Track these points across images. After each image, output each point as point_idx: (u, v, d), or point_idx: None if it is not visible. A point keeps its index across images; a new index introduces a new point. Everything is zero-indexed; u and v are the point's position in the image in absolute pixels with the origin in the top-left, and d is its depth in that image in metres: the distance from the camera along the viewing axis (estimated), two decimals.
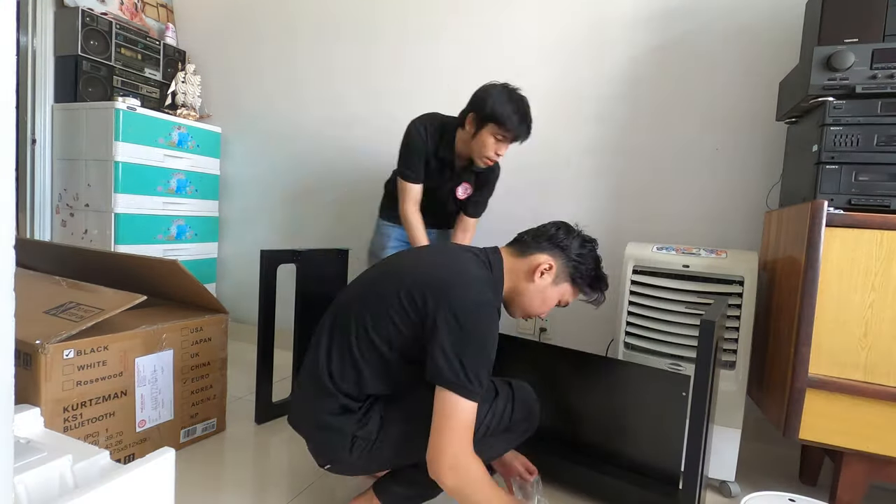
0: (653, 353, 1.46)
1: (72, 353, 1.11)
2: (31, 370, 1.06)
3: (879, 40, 1.22)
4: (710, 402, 1.03)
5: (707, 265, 1.40)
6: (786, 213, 1.38)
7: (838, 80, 1.22)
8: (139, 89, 2.49)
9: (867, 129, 1.20)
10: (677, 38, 1.84)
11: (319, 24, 2.42)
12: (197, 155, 2.43)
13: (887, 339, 1.12)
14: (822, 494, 1.34)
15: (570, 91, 1.99)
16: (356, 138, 2.37)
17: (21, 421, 0.86)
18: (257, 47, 2.58)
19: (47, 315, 1.18)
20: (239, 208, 2.66)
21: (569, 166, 2.00)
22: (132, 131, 2.15)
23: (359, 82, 2.35)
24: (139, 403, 1.26)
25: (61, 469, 0.74)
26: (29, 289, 1.32)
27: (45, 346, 1.06)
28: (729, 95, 1.78)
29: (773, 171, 1.69)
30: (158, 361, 1.30)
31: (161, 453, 0.75)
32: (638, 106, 1.90)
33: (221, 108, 2.68)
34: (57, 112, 2.30)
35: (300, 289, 1.72)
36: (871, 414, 1.13)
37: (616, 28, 1.91)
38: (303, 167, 2.50)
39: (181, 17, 2.78)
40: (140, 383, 1.26)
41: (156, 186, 2.26)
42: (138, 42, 2.48)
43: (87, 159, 2.19)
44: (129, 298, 1.22)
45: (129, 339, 1.23)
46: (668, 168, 1.87)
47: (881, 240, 1.12)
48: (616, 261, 1.52)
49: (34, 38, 2.27)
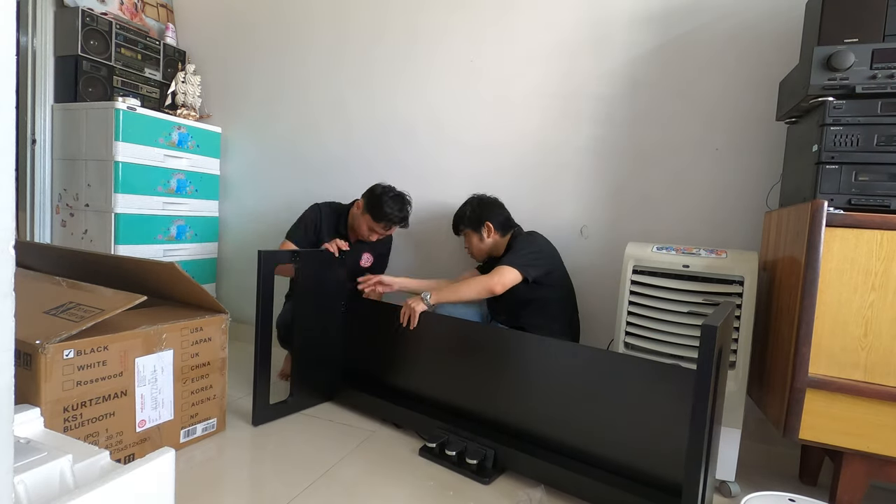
0: (652, 352, 1.46)
1: (72, 353, 1.11)
2: (31, 370, 1.06)
3: (879, 40, 1.22)
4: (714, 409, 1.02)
5: (707, 265, 1.40)
6: (786, 213, 1.38)
7: (838, 80, 1.22)
8: (139, 89, 2.49)
9: (867, 129, 1.20)
10: (677, 38, 1.84)
11: (320, 23, 2.42)
12: (197, 155, 2.43)
13: (887, 339, 1.12)
14: (822, 494, 1.35)
15: (570, 91, 1.99)
16: (357, 138, 2.37)
17: (21, 421, 0.86)
18: (257, 47, 2.58)
19: (47, 315, 1.18)
20: (239, 208, 2.66)
21: (569, 167, 2.00)
22: (132, 131, 2.15)
23: (359, 82, 2.35)
24: (139, 403, 1.26)
25: (61, 469, 0.74)
26: (29, 289, 1.32)
27: (45, 346, 1.06)
28: (729, 95, 1.78)
29: (773, 171, 1.69)
30: (158, 361, 1.30)
31: (161, 453, 0.75)
32: (638, 106, 1.90)
33: (221, 108, 2.68)
34: (57, 112, 2.30)
35: (298, 289, 1.71)
36: (871, 414, 1.13)
37: (616, 28, 1.91)
38: (303, 167, 2.50)
39: (181, 17, 2.78)
40: (140, 383, 1.26)
41: (156, 186, 2.26)
42: (138, 42, 2.48)
43: (87, 159, 2.19)
44: (129, 299, 1.22)
45: (129, 340, 1.23)
46: (668, 168, 1.87)
47: (881, 240, 1.12)
48: (616, 261, 1.52)
49: (34, 38, 2.27)
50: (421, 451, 1.49)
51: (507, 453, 1.40)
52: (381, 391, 1.75)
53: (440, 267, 2.19)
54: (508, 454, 1.40)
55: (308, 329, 1.74)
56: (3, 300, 0.47)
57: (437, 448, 1.45)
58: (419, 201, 2.11)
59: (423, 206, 2.19)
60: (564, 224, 2.00)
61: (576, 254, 1.96)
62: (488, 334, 1.57)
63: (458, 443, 1.43)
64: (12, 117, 0.47)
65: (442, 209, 2.18)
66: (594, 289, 1.93)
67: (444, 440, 1.46)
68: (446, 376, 1.63)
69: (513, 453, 1.40)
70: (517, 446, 1.41)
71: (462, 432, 1.48)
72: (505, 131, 2.09)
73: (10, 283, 0.47)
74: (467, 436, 1.46)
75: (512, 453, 1.40)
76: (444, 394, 1.63)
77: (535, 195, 2.05)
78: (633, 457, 1.27)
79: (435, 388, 1.65)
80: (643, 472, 1.25)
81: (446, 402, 1.62)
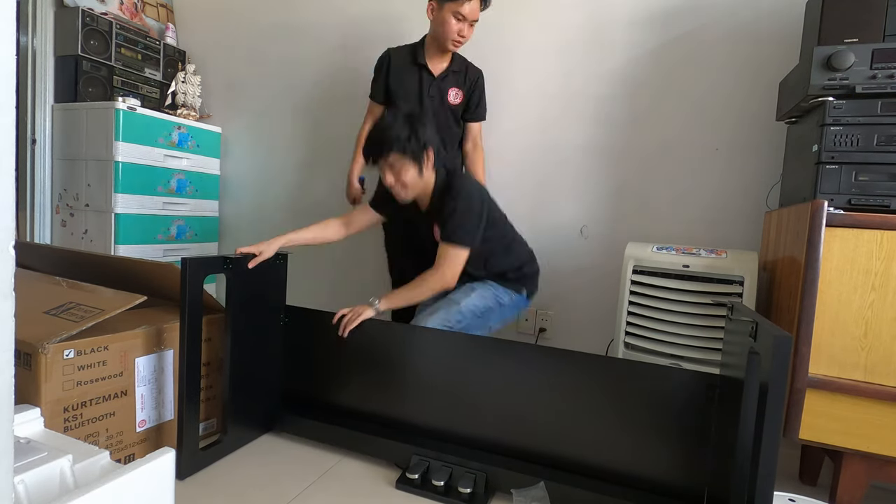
0: (653, 352, 1.46)
1: (72, 353, 1.11)
2: (31, 370, 1.06)
3: (879, 40, 1.22)
4: None
5: (707, 265, 1.40)
6: (786, 213, 1.38)
7: (838, 79, 1.22)
8: (139, 89, 2.49)
9: (867, 129, 1.20)
10: (677, 38, 1.84)
11: (321, 24, 2.42)
12: (197, 155, 2.44)
13: (887, 339, 1.12)
14: (822, 494, 1.35)
15: (570, 91, 1.99)
16: (356, 138, 2.37)
17: (21, 421, 0.86)
18: (257, 47, 2.58)
19: (47, 315, 1.18)
20: (239, 208, 2.67)
21: (569, 166, 2.00)
22: (132, 131, 2.15)
23: (360, 83, 2.35)
24: (139, 403, 1.26)
25: (61, 469, 0.74)
26: (29, 289, 1.32)
27: (45, 346, 1.06)
28: (729, 95, 1.78)
29: (773, 171, 1.69)
30: (158, 361, 1.30)
31: (161, 453, 0.75)
32: (638, 106, 1.90)
33: (221, 108, 2.68)
34: (57, 112, 2.30)
35: (231, 300, 1.37)
36: (871, 414, 1.13)
37: (616, 28, 1.91)
38: (303, 167, 2.50)
39: (181, 17, 2.78)
40: (140, 383, 1.26)
41: (156, 186, 2.26)
42: (138, 42, 2.48)
43: (87, 159, 2.19)
44: (129, 299, 1.22)
45: (130, 340, 1.23)
46: (668, 168, 1.87)
47: (881, 240, 1.12)
48: (616, 261, 1.52)
49: (34, 38, 2.27)
50: (398, 482, 1.27)
51: (498, 474, 1.24)
52: (334, 416, 1.47)
53: None
54: (499, 475, 1.24)
55: (241, 350, 1.40)
56: (4, 300, 0.47)
57: (418, 479, 1.25)
58: None
59: None
60: (564, 224, 2.00)
61: (576, 254, 1.96)
62: (458, 342, 1.35)
63: (443, 469, 1.25)
64: (12, 117, 0.47)
65: None
66: (594, 289, 1.93)
67: (426, 467, 1.27)
68: (409, 393, 1.40)
69: (505, 473, 1.24)
70: (509, 465, 1.25)
71: (445, 457, 1.29)
72: (505, 131, 2.09)
73: (10, 284, 0.47)
74: (451, 460, 1.28)
75: (504, 474, 1.24)
76: (410, 413, 1.40)
77: (535, 195, 2.05)
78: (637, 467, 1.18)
79: (399, 408, 1.42)
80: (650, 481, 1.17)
81: (412, 423, 1.40)
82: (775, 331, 0.84)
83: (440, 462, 1.28)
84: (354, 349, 1.46)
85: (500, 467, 1.25)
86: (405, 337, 1.41)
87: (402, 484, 1.26)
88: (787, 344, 0.81)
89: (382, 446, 1.36)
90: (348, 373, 1.49)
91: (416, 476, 1.24)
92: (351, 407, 1.48)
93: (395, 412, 1.42)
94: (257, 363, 1.47)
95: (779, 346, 0.81)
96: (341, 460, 1.39)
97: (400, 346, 1.41)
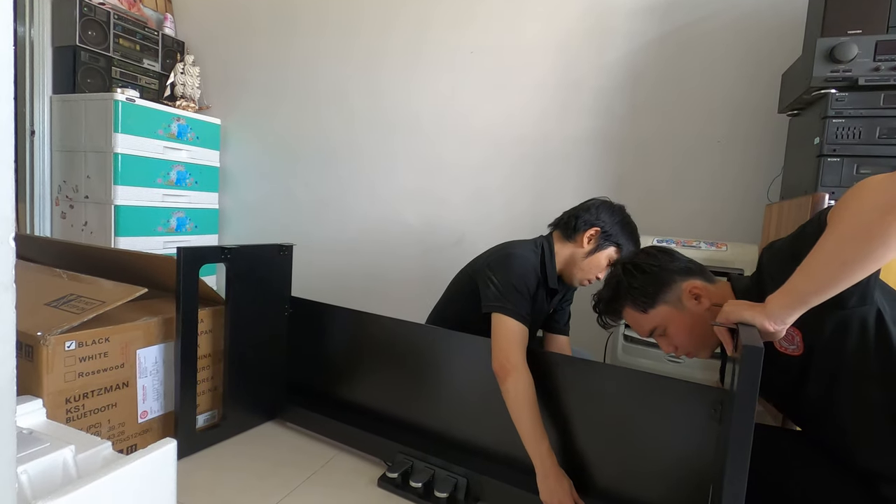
0: (652, 345, 1.46)
1: (73, 345, 1.11)
2: (33, 362, 1.07)
3: (883, 32, 1.21)
4: None
5: (707, 258, 1.40)
6: (787, 205, 1.38)
7: (841, 71, 1.21)
8: (138, 80, 2.47)
9: (869, 122, 1.19)
10: (679, 29, 1.82)
11: (319, 13, 2.40)
12: (196, 146, 2.43)
13: None
14: None
15: (570, 83, 1.98)
16: (356, 129, 2.36)
17: (24, 412, 0.86)
18: (256, 38, 2.56)
19: (49, 307, 1.18)
20: (238, 200, 2.66)
21: (569, 158, 1.99)
22: (131, 122, 2.14)
23: (360, 73, 2.34)
24: (141, 394, 1.27)
25: (64, 459, 0.74)
26: (30, 281, 1.32)
27: (46, 338, 1.06)
28: (731, 87, 1.77)
29: (774, 164, 1.69)
30: (160, 353, 1.31)
31: (163, 444, 0.76)
32: (639, 98, 1.89)
33: (221, 99, 2.67)
34: (56, 103, 2.29)
35: (231, 293, 1.39)
36: None
37: (617, 19, 1.90)
38: (303, 159, 2.49)
39: (179, 7, 2.76)
40: (141, 375, 1.27)
41: (155, 178, 2.26)
42: (136, 32, 2.46)
43: (86, 151, 2.18)
44: (130, 291, 1.22)
45: (131, 331, 1.23)
46: (668, 161, 1.86)
47: None
48: None
49: (32, 29, 2.26)
50: (380, 481, 1.24)
51: (481, 481, 1.17)
52: (334, 408, 1.46)
53: (443, 263, 2.19)
54: (483, 482, 1.17)
55: (246, 337, 1.43)
56: (5, 292, 0.47)
57: (398, 478, 1.21)
58: (422, 195, 2.11)
59: (426, 200, 2.18)
60: None
61: None
62: (459, 342, 1.28)
63: (425, 471, 1.20)
64: (11, 108, 0.47)
65: (444, 206, 2.17)
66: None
67: (408, 467, 1.23)
68: (408, 391, 1.37)
69: (488, 481, 1.16)
70: (493, 473, 1.17)
71: (430, 458, 1.23)
72: (505, 124, 2.08)
73: (10, 275, 0.47)
74: (436, 462, 1.23)
75: (487, 481, 1.16)
76: (406, 412, 1.37)
77: (536, 187, 2.05)
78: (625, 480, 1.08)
79: (397, 405, 1.39)
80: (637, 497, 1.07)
81: (408, 421, 1.36)
82: (750, 339, 0.70)
83: (424, 463, 1.24)
84: (357, 344, 1.47)
85: (486, 475, 1.17)
86: (411, 334, 1.38)
87: (383, 482, 1.24)
88: (758, 354, 0.66)
89: (374, 442, 1.35)
90: (350, 366, 1.49)
91: (396, 475, 1.21)
92: (352, 400, 1.49)
93: (392, 409, 1.41)
94: (259, 352, 1.49)
95: (748, 355, 0.67)
96: (337, 454, 1.39)
97: (405, 344, 1.39)
